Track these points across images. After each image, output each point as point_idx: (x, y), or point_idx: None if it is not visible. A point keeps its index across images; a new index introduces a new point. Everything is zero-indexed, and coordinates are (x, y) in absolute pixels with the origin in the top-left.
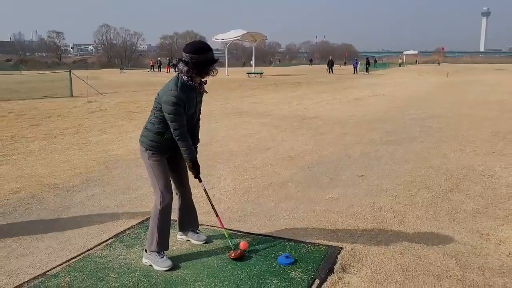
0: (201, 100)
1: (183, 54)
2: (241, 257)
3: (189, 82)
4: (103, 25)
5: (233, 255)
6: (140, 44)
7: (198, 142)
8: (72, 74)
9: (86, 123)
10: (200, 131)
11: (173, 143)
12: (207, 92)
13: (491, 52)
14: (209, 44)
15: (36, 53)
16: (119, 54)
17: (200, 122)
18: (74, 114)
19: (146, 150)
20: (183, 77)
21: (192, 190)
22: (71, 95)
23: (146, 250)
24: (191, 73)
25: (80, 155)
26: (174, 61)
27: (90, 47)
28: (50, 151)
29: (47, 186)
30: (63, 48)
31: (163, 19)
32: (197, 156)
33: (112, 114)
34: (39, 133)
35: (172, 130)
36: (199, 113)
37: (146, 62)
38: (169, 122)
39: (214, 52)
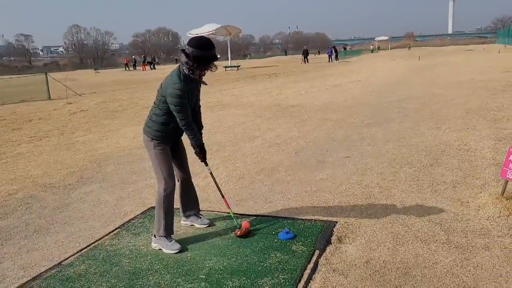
0: (199, 90)
1: (187, 47)
2: (246, 235)
3: (190, 74)
4: (73, 25)
5: (238, 233)
6: (112, 43)
7: (202, 127)
8: (48, 76)
9: (70, 125)
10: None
11: (177, 133)
12: (206, 84)
13: (459, 34)
14: (182, 39)
15: (4, 58)
16: (91, 54)
17: (200, 109)
18: (55, 117)
19: (152, 140)
20: (185, 70)
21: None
22: (49, 98)
23: (154, 236)
24: (190, 65)
25: (70, 155)
26: (149, 59)
27: (60, 49)
28: (39, 153)
29: (43, 186)
30: (32, 51)
31: (134, 17)
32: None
33: (94, 114)
34: (24, 136)
35: (178, 120)
36: (199, 100)
37: (120, 61)
38: (175, 114)
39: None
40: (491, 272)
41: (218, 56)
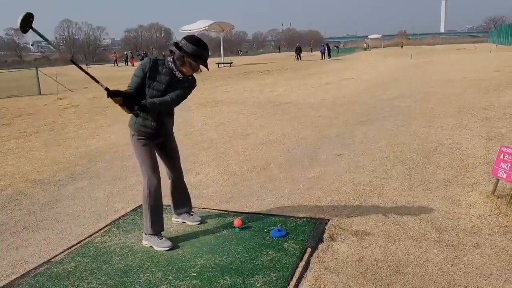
0: (177, 88)
1: (184, 41)
2: None
3: (169, 63)
4: (64, 20)
5: None
6: (104, 39)
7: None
8: (38, 71)
9: (60, 120)
10: (176, 120)
11: (158, 126)
12: (182, 79)
13: (451, 33)
14: (174, 36)
15: None
16: (82, 50)
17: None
18: (45, 112)
19: (133, 134)
20: (167, 58)
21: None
22: (40, 93)
23: (145, 233)
24: (181, 60)
25: (61, 150)
26: (142, 53)
27: None
28: (29, 148)
29: (32, 182)
30: (22, 45)
31: (126, 12)
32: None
33: (86, 110)
34: (13, 132)
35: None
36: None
37: (112, 57)
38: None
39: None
40: (481, 270)
41: (210, 54)
